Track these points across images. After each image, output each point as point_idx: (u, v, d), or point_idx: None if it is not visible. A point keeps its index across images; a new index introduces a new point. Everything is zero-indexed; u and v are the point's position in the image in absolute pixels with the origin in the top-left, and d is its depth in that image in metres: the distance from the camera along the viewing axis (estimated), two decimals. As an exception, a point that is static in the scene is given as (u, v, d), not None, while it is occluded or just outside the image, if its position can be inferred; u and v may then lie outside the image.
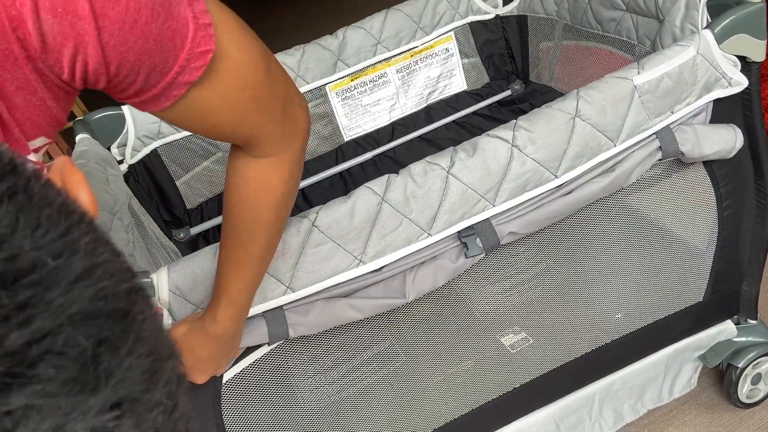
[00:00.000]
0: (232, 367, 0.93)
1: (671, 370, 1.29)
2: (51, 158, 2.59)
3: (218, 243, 0.85)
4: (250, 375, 0.95)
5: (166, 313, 0.84)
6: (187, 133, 1.45)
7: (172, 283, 0.83)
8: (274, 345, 0.93)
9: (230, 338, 0.83)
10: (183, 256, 1.36)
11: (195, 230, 1.52)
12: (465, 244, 0.94)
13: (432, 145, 1.64)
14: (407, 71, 1.59)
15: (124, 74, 0.52)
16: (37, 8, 0.45)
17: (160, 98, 0.56)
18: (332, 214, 0.86)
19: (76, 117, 1.42)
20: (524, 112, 1.12)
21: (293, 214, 0.88)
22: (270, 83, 0.63)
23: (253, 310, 0.88)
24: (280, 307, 0.89)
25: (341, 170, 1.59)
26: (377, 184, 0.89)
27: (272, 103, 0.65)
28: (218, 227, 1.53)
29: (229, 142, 0.69)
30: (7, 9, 0.44)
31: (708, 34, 0.98)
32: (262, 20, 5.02)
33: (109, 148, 1.36)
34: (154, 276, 0.82)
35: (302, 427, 1.04)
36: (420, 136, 1.64)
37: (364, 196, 0.88)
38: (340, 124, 1.57)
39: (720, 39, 0.99)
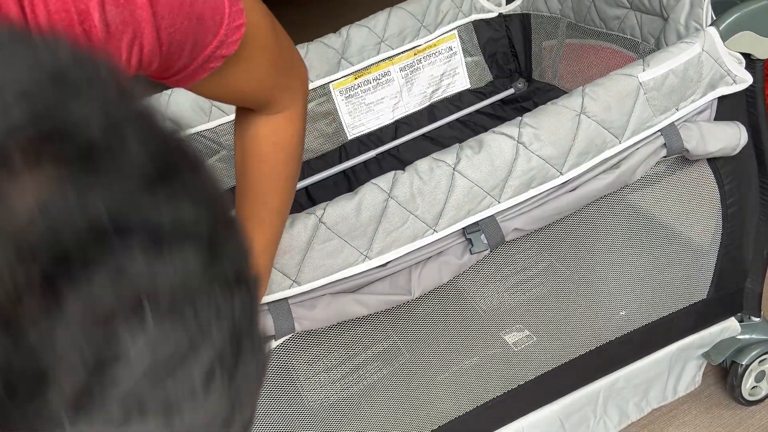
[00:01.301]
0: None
1: (675, 368, 1.29)
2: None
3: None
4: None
5: None
6: (192, 131, 1.45)
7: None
8: (281, 341, 0.93)
9: None
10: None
11: (199, 228, 1.51)
12: (470, 241, 0.95)
13: (435, 143, 1.64)
14: (411, 69, 1.59)
15: (172, 52, 0.55)
16: (103, 1, 0.48)
17: (198, 71, 0.59)
18: (339, 210, 0.87)
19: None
20: (527, 110, 1.12)
21: (297, 211, 0.88)
22: (278, 41, 0.67)
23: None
24: (286, 300, 0.89)
25: (345, 168, 1.59)
26: (384, 180, 0.89)
27: (283, 59, 0.68)
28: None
29: (247, 105, 0.72)
30: (76, 4, 0.47)
31: (713, 32, 0.99)
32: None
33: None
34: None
35: (306, 424, 1.04)
36: (423, 135, 1.65)
37: (371, 192, 0.88)
38: (343, 122, 1.58)
39: (725, 36, 0.99)
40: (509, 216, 0.96)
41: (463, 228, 0.94)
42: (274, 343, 0.94)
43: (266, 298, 0.87)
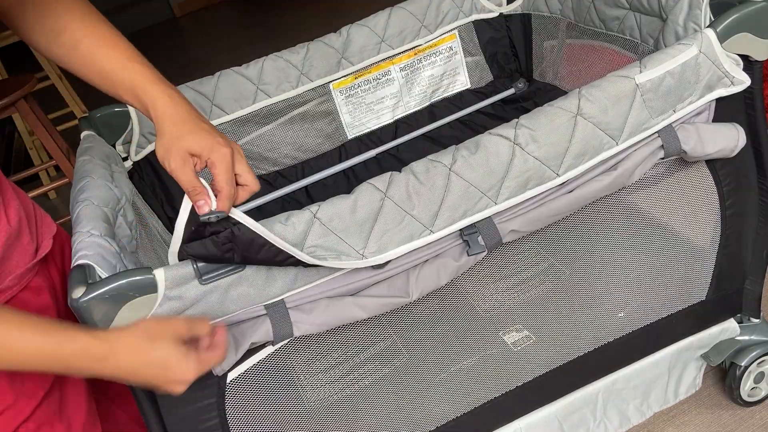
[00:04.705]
0: (237, 367, 0.94)
1: (675, 370, 1.29)
2: (51, 157, 2.58)
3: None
4: (254, 374, 0.95)
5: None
6: (191, 131, 1.45)
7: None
8: (279, 345, 0.94)
9: (193, 109, 0.83)
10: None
11: (199, 227, 1.52)
12: (467, 242, 0.95)
13: (435, 143, 1.64)
14: (411, 69, 1.59)
15: None
16: None
17: None
18: (334, 207, 0.87)
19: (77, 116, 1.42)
20: (528, 110, 1.12)
21: (294, 208, 0.88)
22: None
23: (256, 306, 0.88)
24: (283, 302, 0.89)
25: (344, 168, 1.59)
26: (380, 180, 0.89)
27: None
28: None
29: None
30: None
31: (710, 33, 0.99)
32: (263, 22, 5.05)
33: (113, 145, 1.36)
34: (156, 272, 0.82)
35: (306, 426, 1.05)
36: (423, 135, 1.65)
37: (367, 191, 0.88)
38: (343, 122, 1.58)
39: (722, 38, 0.99)
40: (506, 217, 0.97)
41: (461, 229, 0.95)
42: (272, 348, 0.94)
43: (264, 300, 0.87)
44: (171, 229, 1.48)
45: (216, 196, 0.77)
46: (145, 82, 0.80)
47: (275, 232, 0.84)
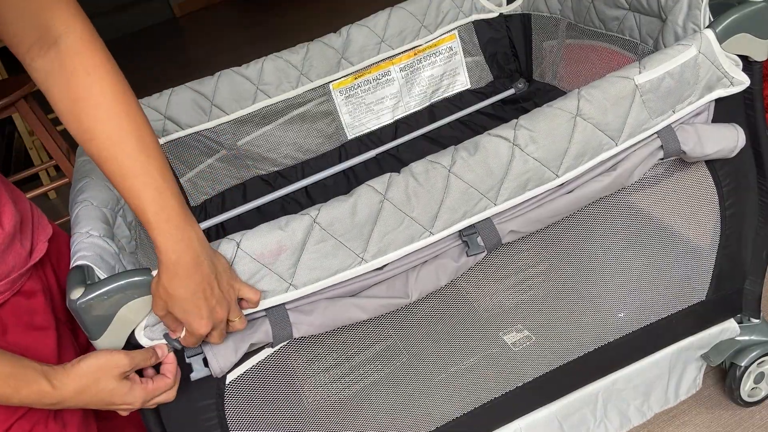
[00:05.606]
0: (236, 368, 0.94)
1: (675, 370, 1.29)
2: (51, 157, 2.57)
3: (221, 240, 0.85)
4: (253, 375, 0.95)
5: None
6: (191, 131, 1.45)
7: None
8: (278, 347, 0.94)
9: (201, 261, 0.77)
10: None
11: (199, 228, 1.52)
12: (466, 243, 0.95)
13: (435, 143, 1.64)
14: (411, 69, 1.59)
15: None
16: None
17: None
18: (334, 211, 0.87)
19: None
20: (528, 110, 1.12)
21: (297, 211, 0.88)
22: None
23: (256, 309, 0.88)
24: (283, 306, 0.89)
25: (344, 168, 1.59)
26: (379, 182, 0.89)
27: None
28: (222, 225, 1.54)
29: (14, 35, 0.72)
30: None
31: (710, 34, 0.99)
32: (263, 22, 5.05)
33: (113, 146, 1.36)
34: (155, 272, 0.82)
35: (305, 426, 1.05)
36: (423, 135, 1.65)
37: (366, 194, 0.88)
38: (343, 122, 1.58)
39: (722, 38, 0.99)
40: (506, 218, 0.97)
41: (460, 230, 0.95)
42: (271, 349, 0.94)
43: (263, 303, 0.87)
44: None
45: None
46: (154, 230, 0.76)
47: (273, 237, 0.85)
